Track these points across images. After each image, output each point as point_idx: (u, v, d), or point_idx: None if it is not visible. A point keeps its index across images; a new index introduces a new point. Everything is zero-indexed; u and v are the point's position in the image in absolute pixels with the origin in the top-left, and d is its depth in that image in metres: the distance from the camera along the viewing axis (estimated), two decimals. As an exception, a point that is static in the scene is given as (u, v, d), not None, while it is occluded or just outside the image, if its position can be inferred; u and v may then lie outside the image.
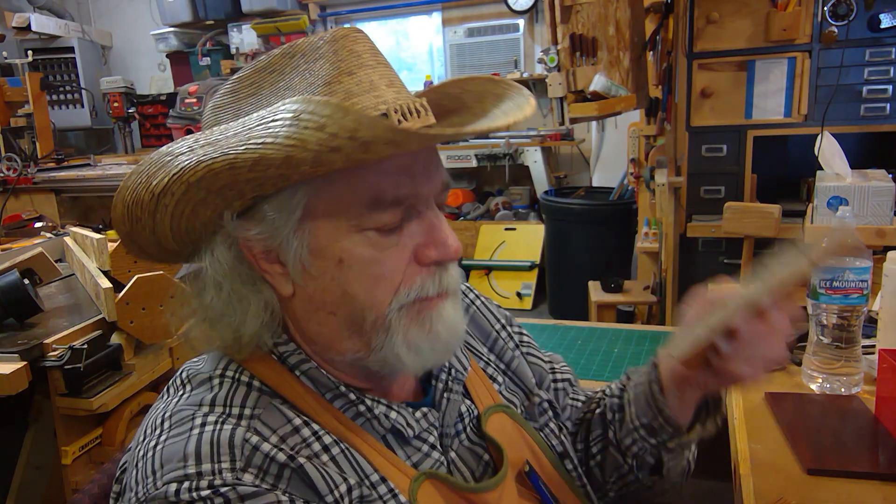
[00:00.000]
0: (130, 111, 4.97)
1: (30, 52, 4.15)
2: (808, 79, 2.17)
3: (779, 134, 2.28)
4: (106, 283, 1.53)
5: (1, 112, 3.53)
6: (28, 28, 4.96)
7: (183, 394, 0.63)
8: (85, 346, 1.43)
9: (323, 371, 0.64)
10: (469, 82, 0.71)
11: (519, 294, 4.55)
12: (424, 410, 0.69)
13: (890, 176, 1.68)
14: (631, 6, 2.61)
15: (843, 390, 1.08)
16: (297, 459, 0.58)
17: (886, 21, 2.06)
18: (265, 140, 0.53)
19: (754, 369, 0.69)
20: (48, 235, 2.45)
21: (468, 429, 0.74)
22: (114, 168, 3.61)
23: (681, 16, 2.28)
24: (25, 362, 1.36)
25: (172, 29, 5.41)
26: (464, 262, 4.68)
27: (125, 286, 1.52)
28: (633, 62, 2.67)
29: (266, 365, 0.64)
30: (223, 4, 5.12)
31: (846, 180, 1.65)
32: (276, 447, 0.58)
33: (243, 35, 5.21)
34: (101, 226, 2.86)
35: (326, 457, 0.61)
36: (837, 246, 0.70)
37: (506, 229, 4.80)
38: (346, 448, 0.62)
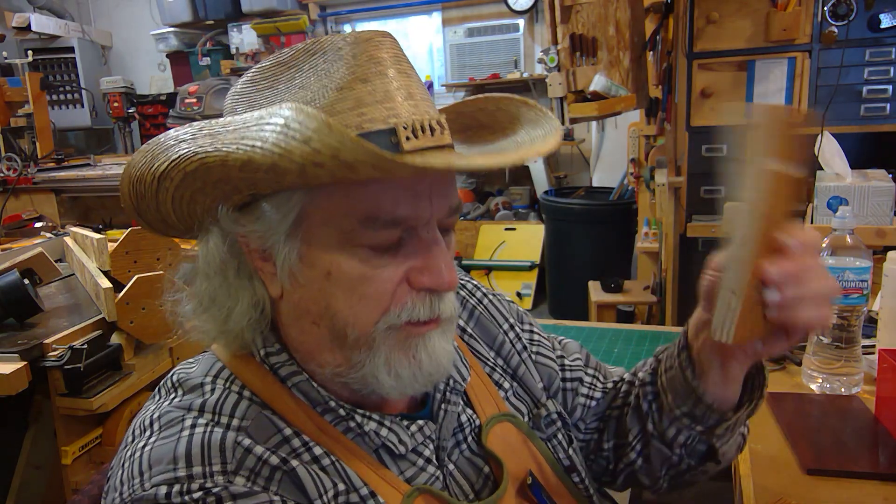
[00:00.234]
0: (130, 111, 4.98)
1: (30, 52, 4.15)
2: (808, 79, 2.17)
3: (779, 134, 2.28)
4: (106, 283, 1.53)
5: (1, 112, 3.53)
6: (28, 28, 4.96)
7: (174, 396, 0.63)
8: (85, 346, 1.43)
9: (313, 384, 0.63)
10: (505, 101, 0.69)
11: (519, 294, 4.55)
12: (420, 423, 0.67)
13: (890, 176, 1.68)
14: (631, 6, 2.61)
15: (843, 390, 1.08)
16: (290, 463, 0.58)
17: (886, 21, 2.06)
18: (254, 143, 0.52)
19: (819, 307, 0.59)
20: (48, 235, 2.46)
21: (469, 439, 0.72)
22: (114, 168, 3.60)
23: (681, 16, 2.28)
24: (25, 362, 1.37)
25: (172, 29, 5.40)
26: (464, 262, 4.68)
27: (125, 286, 1.52)
28: (633, 62, 2.67)
29: (257, 375, 0.63)
30: (223, 4, 5.12)
31: (846, 180, 1.65)
32: (269, 450, 0.58)
33: (243, 35, 5.21)
34: (101, 226, 2.87)
35: (317, 466, 0.60)
36: (768, 119, 0.57)
37: (506, 229, 4.80)
38: (337, 461, 0.61)
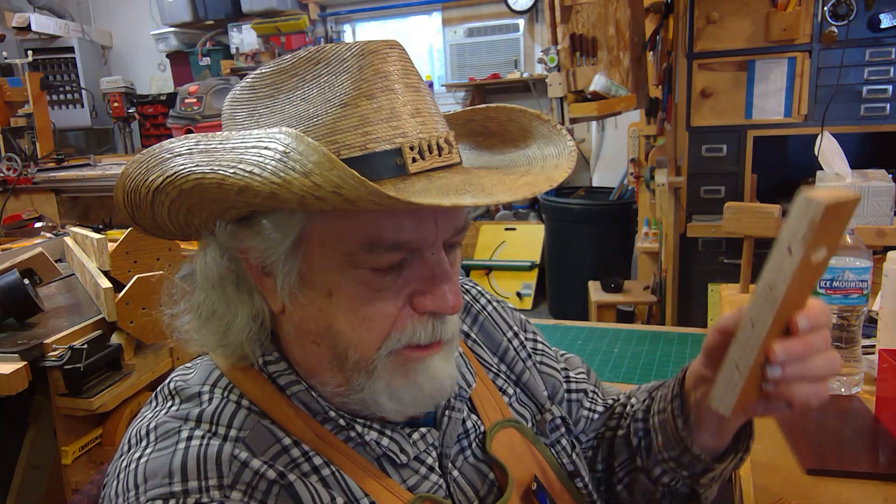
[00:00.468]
0: (130, 111, 4.97)
1: (30, 52, 4.15)
2: (808, 79, 2.18)
3: (779, 134, 2.28)
4: (106, 283, 1.53)
5: (1, 112, 3.53)
6: (28, 28, 4.96)
7: (171, 405, 0.61)
8: (85, 346, 1.43)
9: (313, 394, 0.62)
10: (517, 113, 0.68)
11: (519, 294, 4.55)
12: (423, 431, 0.66)
13: (890, 176, 1.68)
14: (631, 6, 2.62)
15: (843, 390, 1.08)
16: (287, 477, 0.56)
17: (886, 21, 2.06)
18: (253, 170, 0.49)
19: (817, 386, 0.59)
20: (48, 235, 2.46)
21: (473, 445, 0.71)
22: (114, 168, 3.60)
23: (681, 16, 2.28)
24: (25, 362, 1.36)
25: (172, 29, 5.40)
26: (464, 263, 4.68)
27: (125, 286, 1.52)
28: (633, 62, 2.67)
29: (256, 384, 0.62)
30: (223, 4, 5.12)
31: (846, 180, 1.65)
32: (266, 464, 0.56)
33: (243, 35, 5.21)
34: (101, 226, 2.87)
35: (316, 477, 0.59)
36: (825, 213, 0.48)
37: (506, 229, 4.80)
38: (337, 470, 0.60)
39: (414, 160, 0.55)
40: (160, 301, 0.68)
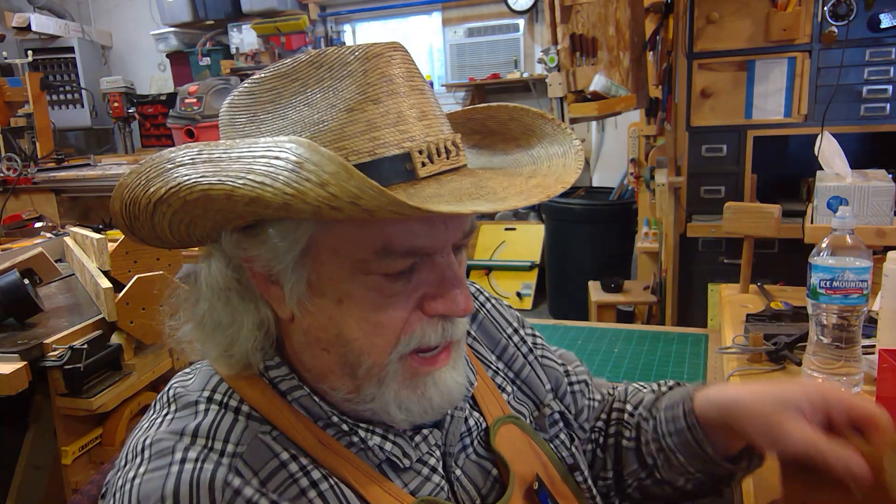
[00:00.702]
0: (130, 111, 4.97)
1: (30, 52, 4.16)
2: (808, 79, 2.17)
3: (779, 134, 2.28)
4: (106, 283, 1.53)
5: (1, 112, 3.53)
6: (28, 28, 4.96)
7: (167, 414, 0.61)
8: (85, 346, 1.43)
9: (315, 399, 0.61)
10: (519, 112, 0.68)
11: (519, 294, 4.55)
12: (426, 433, 0.66)
13: (890, 176, 1.68)
14: (631, 6, 2.62)
15: (843, 390, 1.07)
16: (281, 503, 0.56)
17: (886, 21, 2.06)
18: (264, 181, 0.48)
19: None
20: (48, 235, 2.46)
21: (475, 442, 0.71)
22: (114, 168, 3.61)
23: (681, 16, 2.28)
24: (25, 362, 1.37)
25: (172, 29, 5.40)
26: (464, 262, 4.69)
27: (125, 286, 1.52)
28: (633, 62, 2.67)
29: (257, 389, 0.62)
30: (223, 4, 5.12)
31: (846, 180, 1.65)
32: (259, 491, 0.55)
33: (243, 35, 5.21)
34: (101, 226, 2.86)
35: (314, 492, 0.58)
36: None
37: (506, 229, 4.80)
38: (336, 483, 0.59)
39: (423, 164, 0.54)
40: (160, 302, 0.67)
